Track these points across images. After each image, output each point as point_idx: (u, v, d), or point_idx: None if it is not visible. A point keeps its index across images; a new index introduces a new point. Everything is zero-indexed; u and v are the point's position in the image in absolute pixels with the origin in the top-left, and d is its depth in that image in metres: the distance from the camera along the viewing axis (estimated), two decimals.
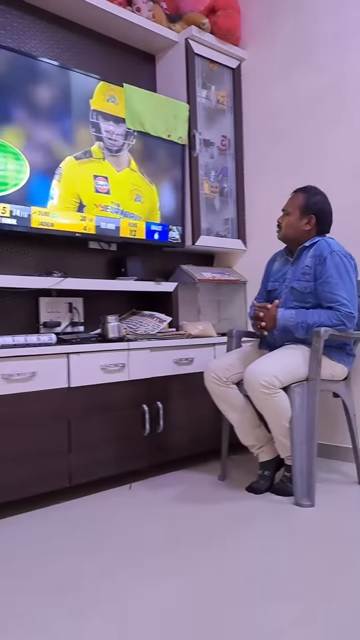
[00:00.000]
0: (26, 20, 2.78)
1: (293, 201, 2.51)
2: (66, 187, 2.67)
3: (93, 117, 2.77)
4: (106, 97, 2.82)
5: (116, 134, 2.86)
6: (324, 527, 2.01)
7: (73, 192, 2.69)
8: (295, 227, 2.48)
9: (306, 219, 2.46)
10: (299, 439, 2.26)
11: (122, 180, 2.89)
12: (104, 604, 1.49)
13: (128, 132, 2.90)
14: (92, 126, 2.77)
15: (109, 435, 2.47)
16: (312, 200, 2.46)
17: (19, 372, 2.18)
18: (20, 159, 2.50)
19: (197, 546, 1.86)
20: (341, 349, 2.45)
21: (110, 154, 2.84)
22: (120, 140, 2.87)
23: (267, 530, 2.00)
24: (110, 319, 2.61)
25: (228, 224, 3.45)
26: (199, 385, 2.53)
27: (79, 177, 2.71)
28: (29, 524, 2.11)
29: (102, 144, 2.80)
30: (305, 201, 2.47)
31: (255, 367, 2.26)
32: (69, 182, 2.68)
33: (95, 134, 2.78)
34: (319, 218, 2.46)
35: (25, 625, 1.40)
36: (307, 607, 1.44)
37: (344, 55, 2.94)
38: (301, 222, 2.47)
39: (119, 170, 2.87)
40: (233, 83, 3.44)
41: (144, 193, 2.99)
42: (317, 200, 2.47)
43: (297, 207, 2.48)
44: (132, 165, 2.93)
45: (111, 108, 2.85)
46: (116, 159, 2.86)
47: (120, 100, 2.88)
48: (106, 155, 2.82)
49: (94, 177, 2.77)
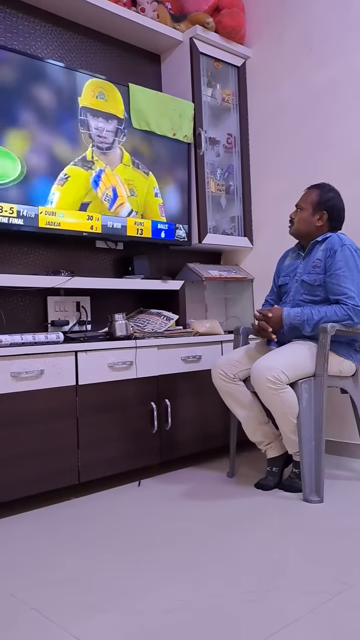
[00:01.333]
0: (31, 22, 2.80)
1: (306, 197, 2.52)
2: (71, 194, 2.69)
3: (82, 114, 2.74)
4: (95, 93, 2.79)
5: (106, 131, 2.83)
6: (333, 522, 2.01)
7: (78, 197, 2.71)
8: (308, 223, 2.49)
9: (318, 214, 2.47)
10: (307, 435, 2.26)
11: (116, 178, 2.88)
12: (117, 600, 1.50)
13: (118, 129, 2.87)
14: (80, 124, 2.73)
15: (118, 432, 2.48)
16: (325, 196, 2.47)
17: (27, 370, 2.20)
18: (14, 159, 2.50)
19: (207, 542, 1.87)
20: (349, 345, 2.44)
21: (101, 152, 2.81)
22: (110, 137, 2.85)
23: (276, 526, 2.00)
24: (117, 317, 2.62)
25: (234, 222, 3.45)
26: (207, 383, 2.54)
27: (83, 185, 2.73)
28: (39, 521, 2.12)
29: (92, 142, 2.77)
30: (318, 197, 2.48)
31: (262, 362, 2.26)
32: (75, 189, 2.70)
33: (85, 132, 2.74)
34: (331, 214, 2.47)
35: (38, 620, 1.41)
36: (318, 601, 1.44)
37: (349, 51, 2.94)
38: (313, 218, 2.48)
39: (113, 168, 2.86)
40: (238, 81, 3.45)
41: (137, 186, 2.96)
42: (330, 197, 2.48)
43: (310, 203, 2.49)
44: (125, 160, 2.91)
45: (101, 105, 2.81)
46: (107, 157, 2.84)
47: (111, 96, 2.84)
48: (98, 154, 2.79)
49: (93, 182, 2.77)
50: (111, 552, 1.81)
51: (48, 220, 2.61)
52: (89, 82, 2.77)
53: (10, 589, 1.57)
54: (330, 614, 1.38)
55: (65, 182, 2.66)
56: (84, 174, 2.73)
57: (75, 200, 2.70)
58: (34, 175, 2.56)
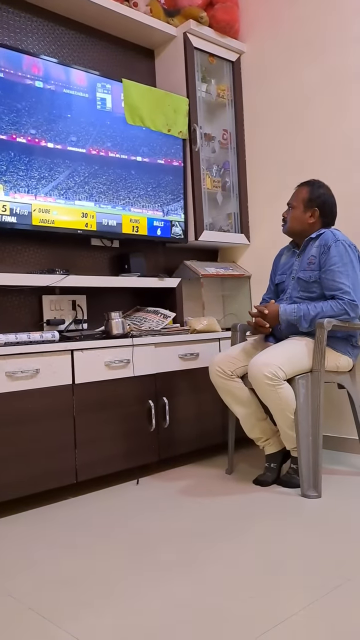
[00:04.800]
0: (23, 17, 2.78)
1: (297, 195, 2.52)
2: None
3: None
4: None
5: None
6: (331, 517, 2.01)
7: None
8: (300, 221, 2.49)
9: (310, 211, 2.47)
10: (305, 431, 2.25)
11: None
12: (115, 599, 1.49)
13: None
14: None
15: (115, 431, 2.47)
16: (315, 193, 2.48)
17: (22, 370, 2.19)
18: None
19: (206, 539, 1.86)
20: (346, 341, 2.44)
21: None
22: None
23: (275, 521, 2.00)
24: (114, 315, 2.61)
25: (231, 218, 3.44)
26: (205, 380, 2.52)
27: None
28: (37, 521, 2.11)
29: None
30: (309, 194, 2.48)
31: (259, 359, 2.25)
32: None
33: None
34: (322, 210, 2.47)
35: (36, 620, 1.40)
36: (316, 596, 1.44)
37: (344, 46, 2.92)
38: (305, 215, 2.48)
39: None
40: (233, 76, 3.43)
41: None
42: (320, 193, 2.48)
43: (301, 200, 2.49)
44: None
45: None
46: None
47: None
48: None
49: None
50: (109, 551, 1.80)
51: (42, 218, 2.59)
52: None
53: (8, 589, 1.56)
54: (328, 608, 1.38)
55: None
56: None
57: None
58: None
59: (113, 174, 2.86)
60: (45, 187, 2.61)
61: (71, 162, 2.70)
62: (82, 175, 2.74)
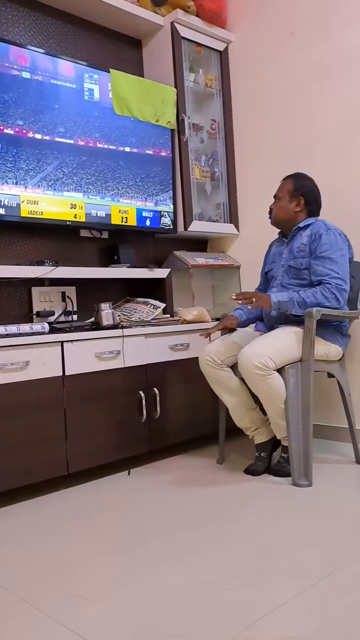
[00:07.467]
0: (9, 8, 2.75)
1: (282, 187, 2.58)
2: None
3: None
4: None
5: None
6: (322, 505, 2.03)
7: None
8: (286, 210, 2.53)
9: (295, 201, 2.52)
10: (295, 420, 2.27)
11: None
12: (108, 589, 1.50)
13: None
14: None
15: (106, 422, 2.47)
16: (300, 183, 2.54)
17: (12, 362, 2.18)
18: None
19: (198, 528, 1.87)
20: (335, 329, 2.45)
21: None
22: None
23: (266, 510, 2.01)
24: (103, 306, 2.60)
25: (220, 208, 3.43)
26: (195, 371, 2.53)
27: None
28: (28, 513, 2.11)
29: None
30: (293, 185, 2.54)
31: (249, 349, 2.26)
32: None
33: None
34: (307, 199, 2.52)
35: (30, 612, 1.40)
36: (307, 584, 1.45)
37: (332, 34, 2.91)
38: (291, 205, 2.53)
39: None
40: (221, 66, 3.41)
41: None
42: (305, 183, 2.55)
43: (287, 191, 2.55)
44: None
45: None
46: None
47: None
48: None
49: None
50: (101, 542, 1.81)
51: (30, 210, 2.57)
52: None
53: (0, 582, 1.57)
54: (318, 596, 1.39)
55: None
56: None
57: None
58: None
59: (101, 165, 2.84)
60: (34, 178, 2.59)
61: (59, 153, 2.68)
62: (71, 166, 2.72)
